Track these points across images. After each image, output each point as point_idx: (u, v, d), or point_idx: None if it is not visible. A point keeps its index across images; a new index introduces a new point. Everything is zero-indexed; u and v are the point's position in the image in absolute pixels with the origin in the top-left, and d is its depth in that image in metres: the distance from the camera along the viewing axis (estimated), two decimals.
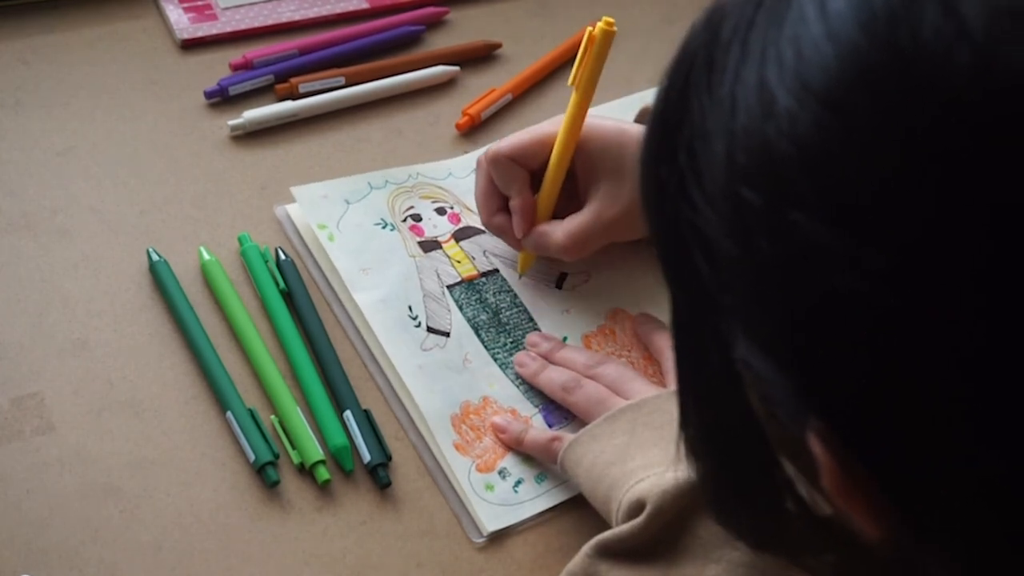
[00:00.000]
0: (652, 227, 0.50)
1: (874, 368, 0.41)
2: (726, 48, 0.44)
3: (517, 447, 0.85)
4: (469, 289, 0.94)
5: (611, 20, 0.86)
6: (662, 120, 0.48)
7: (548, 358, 0.90)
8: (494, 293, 0.94)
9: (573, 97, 0.88)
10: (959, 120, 0.38)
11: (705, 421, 0.55)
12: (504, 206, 0.93)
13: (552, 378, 0.88)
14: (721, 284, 0.45)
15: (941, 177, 0.38)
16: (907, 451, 0.42)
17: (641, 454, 0.78)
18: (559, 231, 0.91)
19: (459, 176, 1.02)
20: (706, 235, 0.44)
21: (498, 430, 0.86)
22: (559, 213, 0.92)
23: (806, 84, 0.40)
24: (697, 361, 0.52)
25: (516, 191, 0.91)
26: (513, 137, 0.91)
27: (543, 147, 0.91)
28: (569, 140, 0.89)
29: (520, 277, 0.95)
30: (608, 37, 0.87)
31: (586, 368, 0.87)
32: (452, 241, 0.97)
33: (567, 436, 0.83)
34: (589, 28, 0.87)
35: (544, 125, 0.92)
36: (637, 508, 0.74)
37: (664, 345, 0.90)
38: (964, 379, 0.39)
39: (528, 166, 0.91)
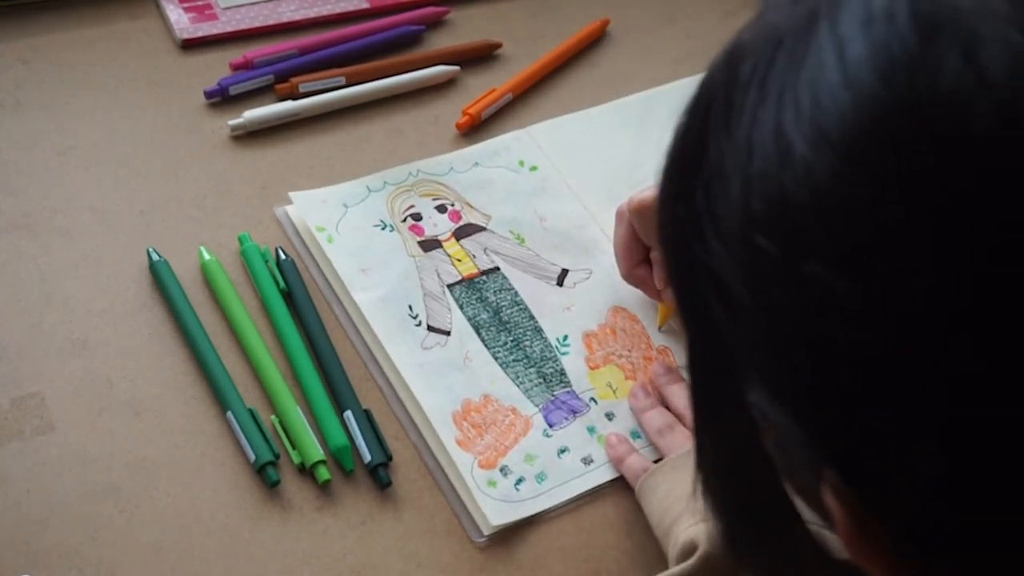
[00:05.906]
0: (670, 265, 0.49)
1: (885, 421, 0.40)
2: (745, 89, 0.43)
3: (619, 465, 0.85)
4: (469, 288, 0.94)
5: None
6: (680, 158, 0.47)
7: (659, 388, 0.89)
8: (495, 291, 0.94)
9: None
10: (980, 173, 0.37)
11: (721, 459, 0.54)
12: (645, 257, 0.90)
13: (651, 418, 0.87)
14: (736, 329, 0.44)
15: (963, 232, 0.37)
16: (919, 508, 0.41)
17: None
18: None
19: (460, 171, 1.02)
20: (722, 279, 0.43)
21: (612, 441, 0.86)
22: None
23: (823, 132, 0.39)
24: (713, 400, 0.51)
25: None
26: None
27: None
28: None
29: (660, 329, 0.93)
30: None
31: (686, 410, 0.86)
32: (452, 239, 0.97)
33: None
34: None
35: None
36: (690, 549, 0.74)
37: (682, 403, 0.88)
38: (979, 433, 0.39)
39: None
